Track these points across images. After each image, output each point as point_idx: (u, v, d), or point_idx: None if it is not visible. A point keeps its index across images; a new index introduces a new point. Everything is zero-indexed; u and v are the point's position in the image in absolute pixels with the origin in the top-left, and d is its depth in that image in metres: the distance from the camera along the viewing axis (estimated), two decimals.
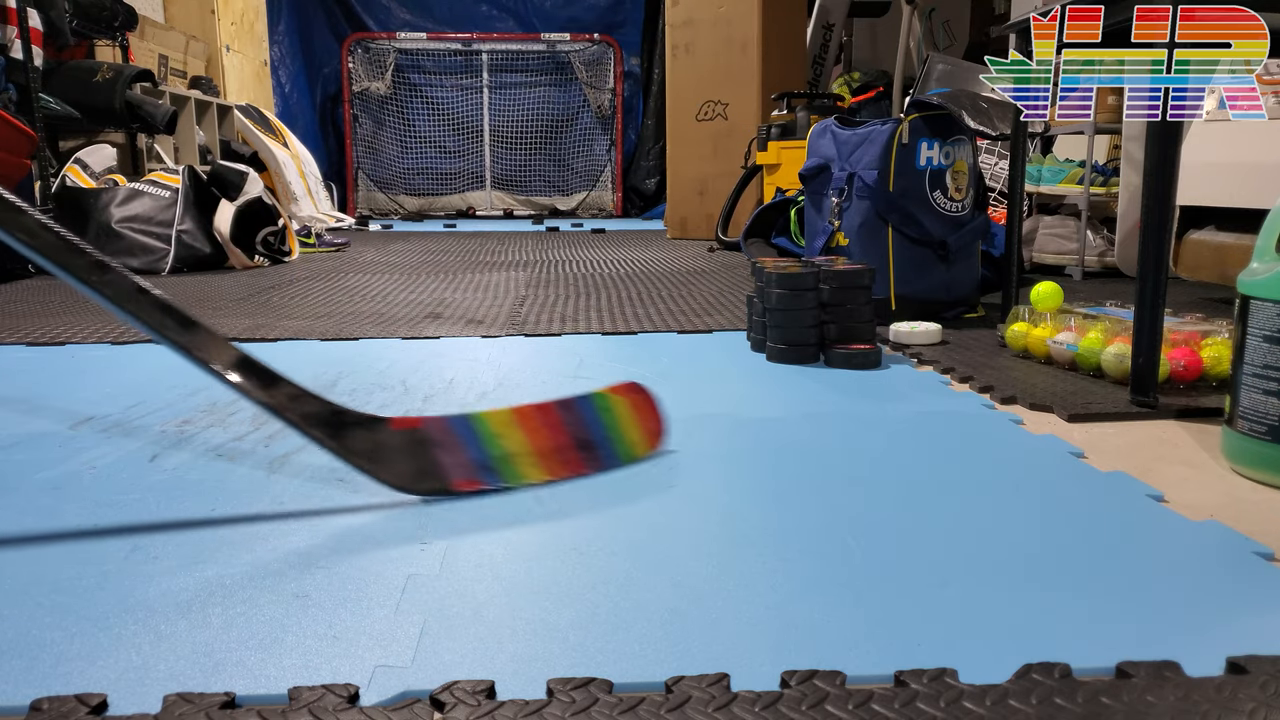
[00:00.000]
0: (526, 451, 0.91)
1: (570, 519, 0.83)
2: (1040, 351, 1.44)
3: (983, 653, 0.59)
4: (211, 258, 2.94)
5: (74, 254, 0.77)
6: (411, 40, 6.84)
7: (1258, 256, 0.94)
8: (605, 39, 6.97)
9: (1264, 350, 0.91)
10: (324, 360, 1.51)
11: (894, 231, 1.77)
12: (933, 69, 3.62)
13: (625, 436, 0.97)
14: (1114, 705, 0.53)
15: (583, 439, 0.94)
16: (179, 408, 1.22)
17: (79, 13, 3.59)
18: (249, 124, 4.39)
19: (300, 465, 0.98)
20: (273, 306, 2.12)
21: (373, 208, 6.91)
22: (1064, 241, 2.65)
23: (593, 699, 0.53)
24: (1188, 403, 1.19)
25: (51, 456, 1.01)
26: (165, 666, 0.58)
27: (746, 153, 3.75)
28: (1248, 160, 1.80)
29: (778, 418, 1.17)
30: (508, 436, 0.91)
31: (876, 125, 1.81)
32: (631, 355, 1.55)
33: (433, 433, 0.90)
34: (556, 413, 0.95)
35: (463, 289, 2.44)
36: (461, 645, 0.61)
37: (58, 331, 1.76)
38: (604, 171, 7.14)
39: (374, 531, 0.80)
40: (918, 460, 1.00)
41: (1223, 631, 0.62)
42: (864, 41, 5.61)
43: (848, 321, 1.49)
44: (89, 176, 3.11)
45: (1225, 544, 0.77)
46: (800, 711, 0.52)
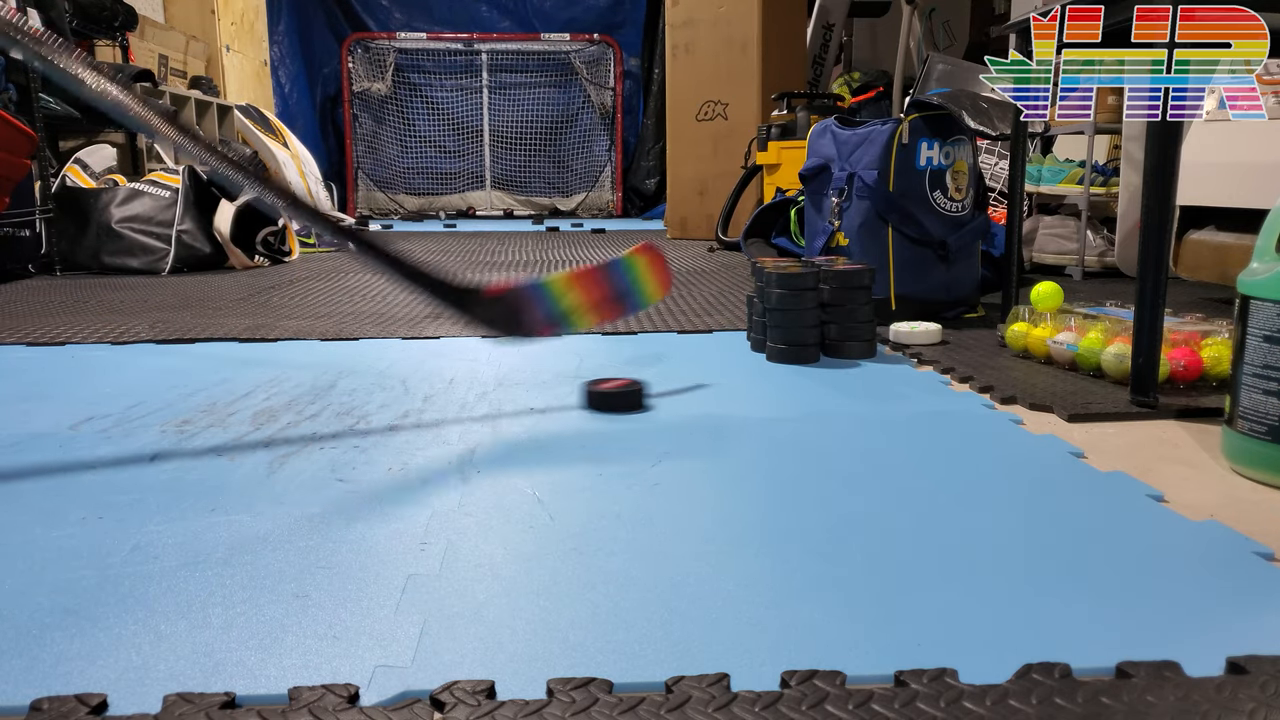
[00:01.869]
0: (581, 305, 1.22)
1: (570, 519, 0.83)
2: (1040, 351, 1.44)
3: (983, 653, 0.59)
4: (212, 258, 2.94)
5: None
6: (411, 40, 6.84)
7: (1258, 256, 0.94)
8: (605, 39, 6.97)
9: (1264, 350, 0.91)
10: (324, 360, 1.51)
11: (894, 231, 1.77)
12: (933, 69, 3.62)
13: (644, 288, 1.27)
14: (1114, 705, 0.53)
15: (618, 291, 1.25)
16: (179, 408, 1.22)
17: (79, 13, 3.59)
18: (249, 124, 4.39)
19: (300, 465, 0.98)
20: (273, 306, 2.12)
21: (373, 208, 6.91)
22: (1064, 241, 2.65)
23: (593, 699, 0.53)
24: (1188, 403, 1.19)
25: (51, 456, 1.01)
26: (165, 666, 0.58)
27: (746, 153, 3.75)
28: (1248, 160, 1.80)
29: (778, 418, 1.17)
30: (567, 296, 1.20)
31: (876, 125, 1.81)
32: (631, 355, 1.55)
33: (517, 297, 1.19)
34: (598, 273, 1.23)
35: None
36: (461, 645, 0.61)
37: (58, 331, 1.76)
38: (604, 171, 7.14)
39: (374, 531, 0.80)
40: (918, 460, 1.00)
41: (1223, 631, 0.62)
42: (864, 41, 5.61)
43: (848, 321, 1.49)
44: (89, 176, 3.11)
45: (1225, 544, 0.77)
46: (800, 711, 0.52)
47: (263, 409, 1.21)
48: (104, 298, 2.25)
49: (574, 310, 1.21)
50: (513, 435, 1.10)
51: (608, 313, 1.26)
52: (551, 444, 1.07)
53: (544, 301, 1.20)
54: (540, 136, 7.07)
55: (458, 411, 1.19)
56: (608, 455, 1.02)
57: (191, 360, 1.52)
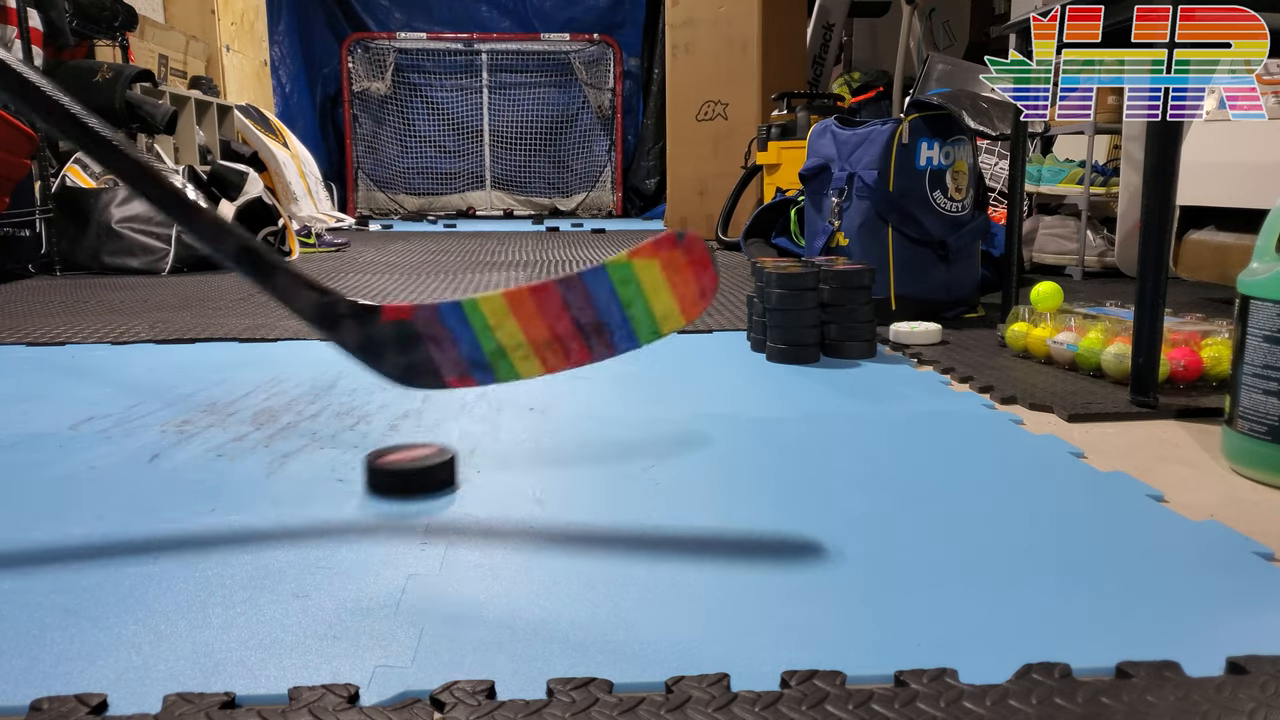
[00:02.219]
0: (521, 343, 0.81)
1: (570, 519, 0.83)
2: (1040, 351, 1.44)
3: (983, 653, 0.59)
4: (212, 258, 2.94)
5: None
6: (411, 40, 6.84)
7: (1258, 256, 0.94)
8: (605, 39, 6.97)
9: (1264, 350, 0.91)
10: (324, 360, 1.51)
11: (894, 231, 1.77)
12: (933, 69, 3.62)
13: (652, 309, 0.81)
14: (1114, 705, 0.53)
15: (590, 322, 0.81)
16: (179, 408, 1.22)
17: (79, 13, 3.58)
18: (249, 124, 4.39)
19: (300, 465, 0.98)
20: (273, 306, 2.11)
21: (373, 208, 6.91)
22: (1064, 241, 2.65)
23: (593, 699, 0.53)
24: (1188, 403, 1.19)
25: (51, 456, 1.01)
26: (165, 666, 0.58)
27: (746, 153, 3.75)
28: (1248, 160, 1.80)
29: (778, 418, 1.17)
30: (502, 328, 0.81)
31: (876, 125, 1.81)
32: (631, 355, 1.55)
33: (424, 325, 0.83)
34: (558, 294, 0.81)
35: (463, 289, 2.44)
36: (461, 645, 0.61)
37: (58, 331, 1.76)
38: (604, 171, 7.14)
39: (374, 531, 0.80)
40: (918, 460, 1.00)
41: (1223, 631, 0.62)
42: (864, 41, 5.61)
43: (848, 321, 1.49)
44: (89, 176, 3.10)
45: (1225, 544, 0.77)
46: (800, 711, 0.52)
47: (263, 409, 1.21)
48: (104, 298, 2.25)
49: (511, 349, 0.81)
50: (513, 435, 1.10)
51: (570, 355, 0.82)
52: (551, 444, 1.07)
53: (464, 333, 0.82)
54: (540, 136, 7.07)
55: (457, 411, 1.19)
56: (608, 455, 1.02)
57: (191, 360, 1.52)
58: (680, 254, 0.79)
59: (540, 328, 0.81)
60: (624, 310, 0.80)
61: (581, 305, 0.80)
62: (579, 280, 0.80)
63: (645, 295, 0.80)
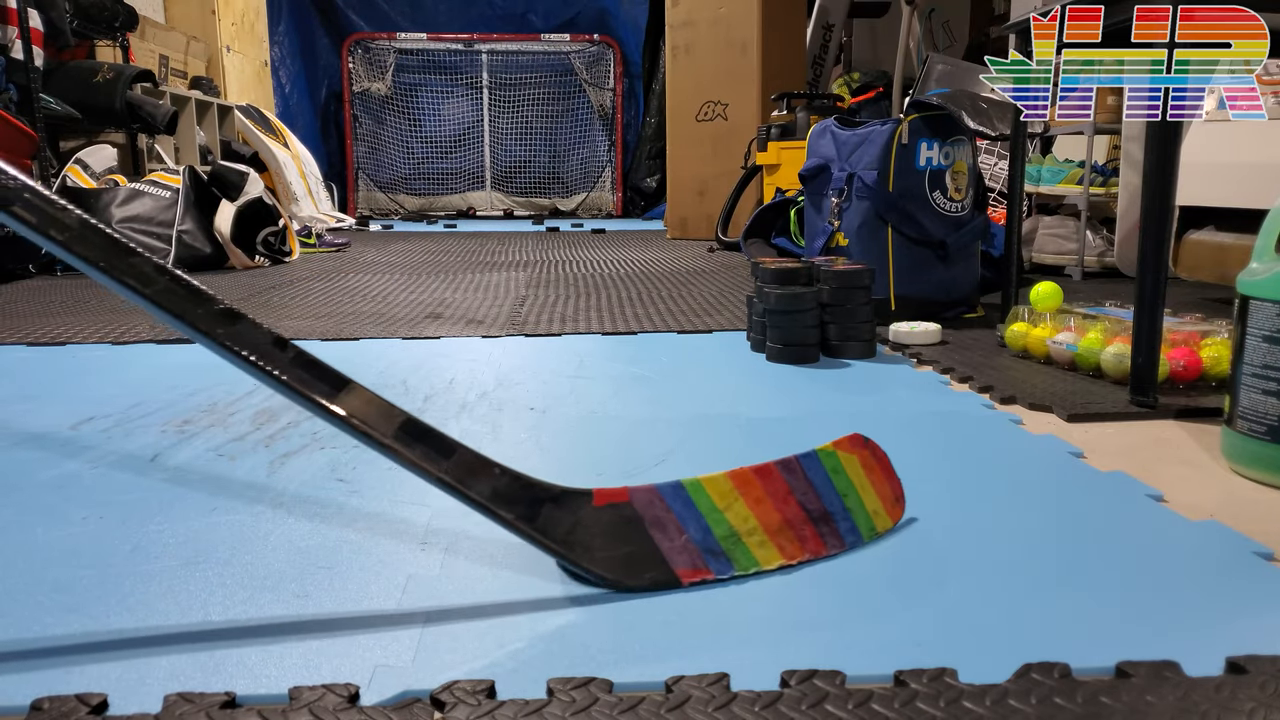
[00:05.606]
0: (754, 528, 0.74)
1: None
2: (1040, 351, 1.44)
3: (983, 653, 0.59)
4: (212, 258, 2.94)
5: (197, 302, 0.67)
6: (411, 40, 6.85)
7: (1257, 256, 0.94)
8: (605, 39, 6.97)
9: (1263, 350, 0.91)
10: (324, 360, 1.50)
11: (894, 231, 1.77)
12: (933, 69, 3.62)
13: (864, 503, 0.79)
14: (1114, 705, 0.53)
15: (817, 510, 0.76)
16: (179, 408, 1.22)
17: (79, 13, 3.59)
18: (249, 124, 4.39)
19: (300, 465, 0.98)
20: (273, 306, 2.12)
21: (373, 208, 6.91)
22: (1064, 241, 2.65)
23: (593, 699, 0.53)
24: (1187, 403, 1.19)
25: (52, 456, 1.01)
26: (165, 666, 0.58)
27: (746, 153, 3.75)
28: (1248, 160, 1.80)
29: (778, 418, 1.17)
30: (732, 509, 0.74)
31: (876, 125, 1.81)
32: (632, 355, 1.55)
33: (644, 508, 0.73)
34: (781, 476, 0.77)
35: (463, 289, 2.44)
36: (461, 645, 0.61)
37: (58, 331, 1.76)
38: (604, 171, 7.14)
39: (374, 531, 0.80)
40: (917, 460, 1.00)
41: (1222, 631, 0.62)
42: (864, 42, 5.62)
43: (847, 321, 1.49)
44: (89, 177, 3.11)
45: (1225, 544, 0.77)
46: (800, 711, 0.52)
47: (263, 409, 1.21)
48: (104, 298, 2.25)
49: (744, 535, 0.73)
50: (513, 435, 1.10)
51: (806, 544, 0.74)
52: (552, 444, 1.07)
53: (691, 516, 0.73)
54: (540, 137, 7.07)
55: (458, 411, 1.19)
56: (608, 455, 1.02)
57: (191, 360, 1.52)
58: (869, 455, 0.80)
59: (771, 512, 0.75)
60: (842, 500, 0.77)
61: (805, 490, 0.77)
62: (797, 464, 0.77)
63: (856, 488, 0.78)
